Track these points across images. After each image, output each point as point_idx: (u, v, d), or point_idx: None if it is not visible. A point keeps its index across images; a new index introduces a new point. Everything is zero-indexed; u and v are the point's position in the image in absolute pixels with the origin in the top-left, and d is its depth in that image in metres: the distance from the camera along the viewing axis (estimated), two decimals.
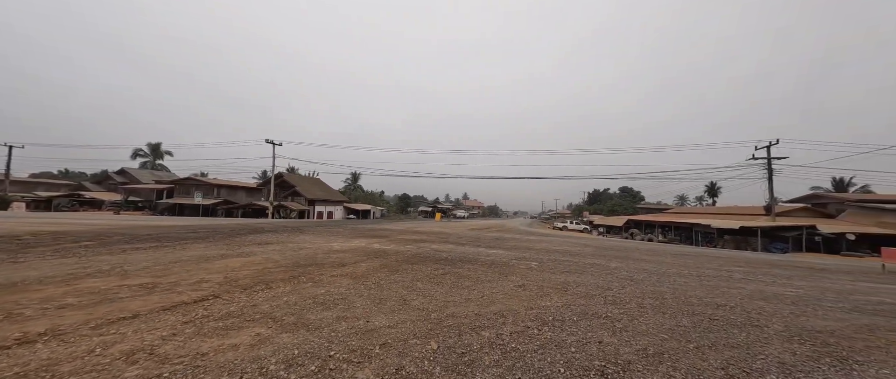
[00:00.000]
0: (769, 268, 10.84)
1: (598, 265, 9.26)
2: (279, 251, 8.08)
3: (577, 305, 4.94)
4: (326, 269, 6.20)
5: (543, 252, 11.69)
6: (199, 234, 11.54)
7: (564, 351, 3.24)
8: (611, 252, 13.34)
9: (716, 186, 55.48)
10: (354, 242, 11.46)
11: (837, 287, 7.86)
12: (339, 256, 7.75)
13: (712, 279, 7.99)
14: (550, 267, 8.46)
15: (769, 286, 7.49)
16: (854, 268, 12.38)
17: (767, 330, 4.30)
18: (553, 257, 10.45)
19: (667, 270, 9.02)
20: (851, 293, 7.17)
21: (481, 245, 12.48)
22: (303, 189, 40.25)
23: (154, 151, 58.48)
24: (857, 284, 8.38)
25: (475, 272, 7.01)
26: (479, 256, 9.62)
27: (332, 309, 3.85)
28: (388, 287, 5.14)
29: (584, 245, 16.06)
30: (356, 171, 75.33)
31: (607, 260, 10.53)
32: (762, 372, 3.05)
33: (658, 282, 7.17)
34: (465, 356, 2.95)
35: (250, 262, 6.36)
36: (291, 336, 3.00)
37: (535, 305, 4.76)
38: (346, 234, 14.88)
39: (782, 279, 8.59)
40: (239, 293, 4.19)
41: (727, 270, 9.79)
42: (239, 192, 42.67)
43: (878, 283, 8.96)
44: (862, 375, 3.12)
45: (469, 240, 14.89)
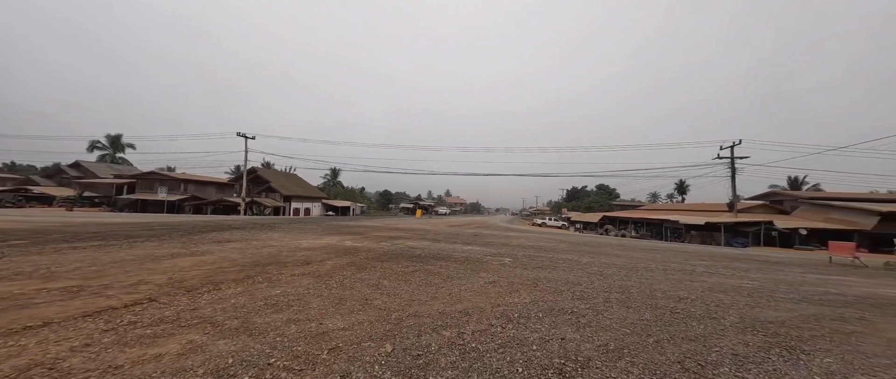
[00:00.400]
0: (730, 261, 11.39)
1: (570, 261, 9.38)
2: (240, 249, 7.62)
3: (545, 301, 4.90)
4: (288, 267, 5.87)
5: (519, 248, 11.74)
6: (155, 231, 10.76)
7: (526, 349, 3.15)
8: (584, 248, 13.61)
9: (685, 184, 58.28)
10: (326, 239, 11.05)
11: (789, 279, 8.33)
12: (304, 254, 7.40)
13: (677, 273, 8.26)
14: (524, 263, 8.46)
15: (728, 279, 7.82)
16: (805, 260, 13.26)
17: (724, 322, 4.42)
18: (528, 253, 10.50)
19: (635, 265, 9.26)
20: (801, 284, 7.60)
21: (458, 242, 12.40)
22: (278, 185, 38.76)
23: (114, 144, 54.57)
24: (807, 276, 8.92)
25: (447, 269, 6.88)
26: (454, 253, 9.51)
27: (283, 311, 3.59)
28: (352, 286, 4.91)
29: (559, 241, 16.34)
30: (335, 167, 73.65)
31: (580, 255, 10.71)
32: (716, 364, 3.08)
33: (626, 276, 7.31)
34: (421, 358, 2.79)
35: (203, 261, 5.92)
36: (229, 343, 2.73)
37: (503, 302, 4.68)
38: (320, 231, 14.39)
39: (741, 272, 9.02)
40: (181, 296, 3.84)
41: (691, 264, 10.19)
42: (209, 187, 40.55)
43: (825, 274, 9.59)
44: (808, 364, 3.22)
45: (446, 236, 14.77)
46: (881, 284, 8.36)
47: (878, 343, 3.87)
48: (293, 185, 42.41)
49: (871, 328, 4.45)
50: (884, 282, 8.84)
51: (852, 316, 5.03)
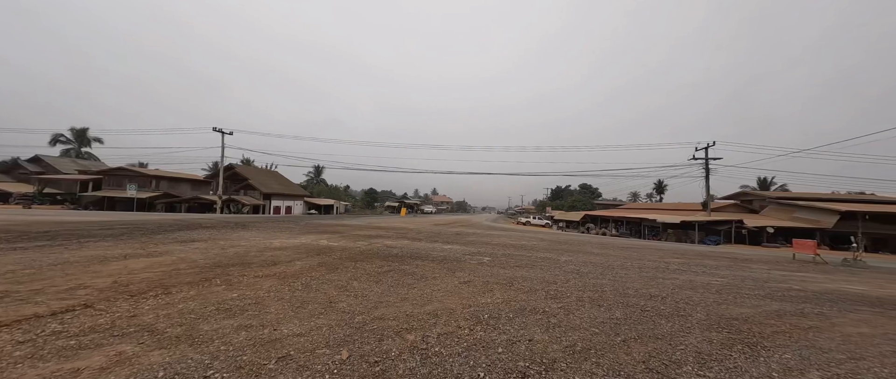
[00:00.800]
0: (701, 259, 11.76)
1: (549, 259, 9.42)
2: (203, 250, 7.22)
3: (518, 300, 4.84)
4: (252, 268, 5.57)
5: (499, 247, 11.73)
6: (114, 230, 10.10)
7: (491, 352, 3.05)
8: (564, 246, 13.75)
9: (663, 184, 60.26)
10: (301, 238, 10.69)
11: (755, 275, 8.64)
12: (274, 254, 7.09)
13: (651, 270, 8.42)
14: (502, 262, 8.42)
15: (699, 276, 8.02)
16: (771, 257, 13.87)
17: (691, 319, 4.47)
18: (507, 252, 10.49)
19: (612, 263, 9.39)
20: (766, 281, 7.89)
21: (439, 240, 12.27)
22: (257, 182, 37.51)
23: (79, 138, 51.44)
24: (772, 273, 9.29)
25: (422, 269, 6.73)
26: (433, 252, 9.37)
27: (236, 316, 3.35)
28: (318, 288, 4.69)
29: (540, 240, 16.48)
30: (319, 165, 72.11)
31: (559, 254, 10.78)
32: (680, 363, 3.07)
33: (601, 274, 7.38)
34: (378, 365, 2.64)
35: (159, 262, 5.54)
36: (165, 354, 2.49)
37: (474, 303, 4.57)
38: (297, 230, 13.94)
39: (711, 269, 9.30)
40: (122, 301, 3.52)
41: (665, 261, 10.45)
42: (183, 184, 38.81)
43: (789, 271, 10.02)
44: (767, 360, 3.26)
45: (428, 235, 14.62)
46: (839, 280, 8.80)
47: (834, 338, 3.99)
48: (273, 183, 41.15)
49: (827, 324, 4.60)
50: (841, 278, 9.31)
51: (811, 311, 5.21)
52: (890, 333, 4.39)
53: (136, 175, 34.09)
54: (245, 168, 39.49)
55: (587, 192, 73.22)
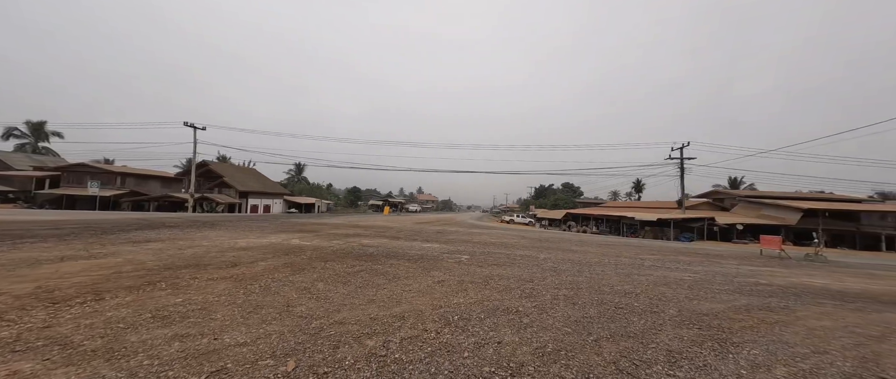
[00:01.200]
0: (676, 255, 12.03)
1: (528, 257, 9.35)
2: (157, 250, 6.68)
3: (492, 300, 4.67)
4: (208, 270, 5.16)
5: (480, 245, 11.60)
6: (62, 231, 9.29)
7: (455, 357, 2.85)
8: (544, 244, 13.78)
9: (641, 183, 62.18)
10: (272, 237, 10.19)
11: (726, 270, 8.87)
12: (236, 255, 6.64)
13: (627, 267, 8.49)
14: (481, 260, 8.27)
15: (673, 272, 8.15)
16: (740, 253, 14.41)
17: (663, 316, 4.43)
18: (487, 250, 10.36)
19: (589, 260, 9.43)
20: (736, 276, 8.10)
21: (418, 239, 12.01)
22: (233, 180, 35.96)
23: (36, 132, 47.83)
24: (741, 268, 9.57)
25: (396, 268, 6.47)
26: (410, 250, 9.12)
27: (174, 324, 3.00)
28: (278, 290, 4.36)
29: (522, 237, 16.50)
30: (300, 163, 70.21)
31: (538, 251, 10.76)
32: (650, 363, 2.97)
33: (578, 272, 7.35)
34: (328, 377, 2.38)
35: (100, 265, 5.04)
36: (72, 372, 2.15)
37: (445, 303, 4.37)
38: (270, 229, 13.34)
39: (685, 265, 9.49)
40: (39, 310, 3.10)
41: (641, 258, 10.61)
42: (151, 182, 36.76)
43: (756, 266, 10.37)
44: (736, 357, 3.21)
45: (408, 233, 14.34)
46: (802, 274, 9.17)
47: (799, 332, 4.03)
48: (250, 181, 39.59)
49: (792, 317, 4.68)
50: (804, 272, 9.72)
51: (778, 305, 5.31)
52: (850, 325, 4.50)
53: (99, 171, 31.93)
54: (219, 165, 37.77)
55: (569, 190, 74.68)
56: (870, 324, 4.60)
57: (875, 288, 7.58)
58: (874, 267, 12.55)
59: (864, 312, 5.25)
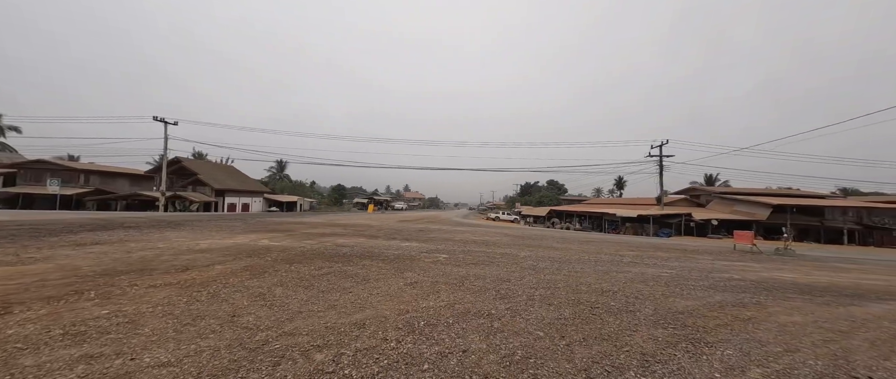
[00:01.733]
0: (654, 250, 12.19)
1: (508, 255, 9.20)
2: (100, 254, 6.11)
3: (464, 302, 4.44)
4: (153, 276, 4.69)
5: (461, 243, 11.39)
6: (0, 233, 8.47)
7: (413, 371, 2.58)
8: (526, 241, 13.71)
9: (623, 180, 63.67)
10: (239, 238, 9.65)
11: (701, 266, 8.98)
12: (191, 258, 6.15)
13: (605, 264, 8.46)
14: (459, 259, 8.04)
15: (650, 268, 8.16)
16: (715, 248, 14.79)
17: (639, 315, 4.32)
18: (467, 248, 10.15)
19: (569, 257, 9.37)
20: (711, 272, 8.19)
21: (397, 238, 11.68)
22: (207, 177, 34.40)
23: None
24: (716, 263, 9.73)
25: (368, 270, 6.16)
26: (387, 250, 8.79)
27: (87, 342, 2.61)
28: (228, 297, 3.98)
29: (504, 235, 16.41)
30: (282, 159, 68.21)
31: (519, 249, 10.64)
32: (623, 368, 2.80)
33: (557, 270, 7.23)
34: None
35: (23, 272, 4.50)
36: None
37: (414, 308, 4.10)
38: (242, 229, 12.69)
39: (662, 261, 9.57)
40: None
41: (620, 254, 10.66)
42: (120, 179, 34.76)
43: (730, 261, 10.60)
44: (710, 358, 3.09)
45: (388, 232, 13.97)
46: (772, 268, 9.41)
47: (771, 329, 3.99)
48: (227, 178, 38.03)
49: (764, 313, 4.67)
50: (774, 266, 9.99)
51: (750, 301, 5.32)
52: (819, 320, 4.52)
53: (60, 168, 29.85)
54: (193, 162, 36.05)
55: (554, 188, 75.68)
56: (837, 318, 4.63)
57: (841, 281, 7.81)
58: (838, 260, 13.10)
59: (832, 306, 5.32)
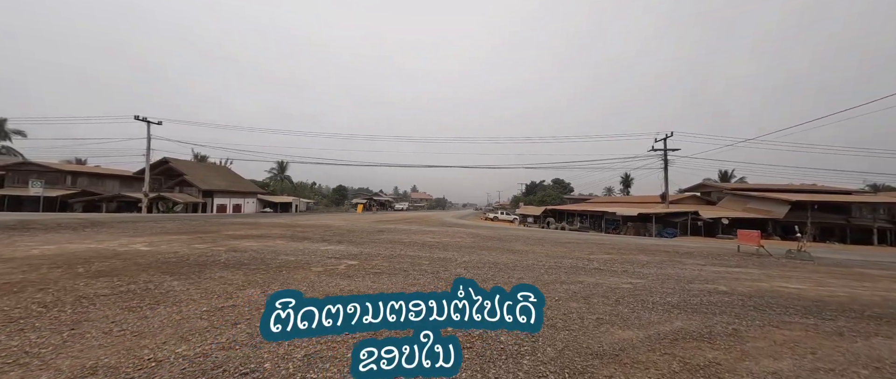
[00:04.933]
0: (637, 254, 10.41)
1: (446, 260, 7.67)
2: None
3: None
4: None
5: (403, 246, 9.88)
6: None
7: None
8: (490, 243, 12.12)
9: (629, 177, 60.85)
10: (119, 240, 8.41)
11: (683, 274, 7.25)
12: None
13: (561, 271, 6.83)
14: (368, 267, 6.56)
15: (614, 277, 6.50)
16: (715, 250, 12.84)
17: (541, 355, 2.81)
18: (399, 252, 8.62)
19: (522, 263, 7.77)
20: (691, 281, 6.48)
21: (333, 241, 10.18)
22: (195, 178, 33.86)
23: None
24: (704, 270, 7.96)
25: (210, 283, 4.75)
26: (289, 256, 7.30)
27: None
28: None
29: (475, 236, 14.82)
30: (283, 160, 68.06)
31: (468, 253, 9.07)
32: None
33: (489, 279, 5.70)
34: None
35: None
36: None
37: (168, 353, 2.67)
38: (150, 231, 11.31)
39: (637, 267, 7.86)
40: None
41: (592, 258, 8.96)
42: (109, 181, 34.61)
43: (726, 266, 8.77)
44: None
45: (333, 234, 12.54)
46: (776, 276, 7.57)
47: None
48: (216, 179, 37.47)
49: (735, 354, 3.04)
50: (781, 273, 8.12)
51: (722, 331, 3.67)
52: (823, 366, 2.88)
53: (45, 170, 29.73)
54: (181, 162, 35.61)
55: (559, 186, 73.18)
56: (852, 363, 2.98)
57: (864, 295, 5.98)
58: (864, 264, 11.02)
59: (846, 338, 3.63)
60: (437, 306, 1.87)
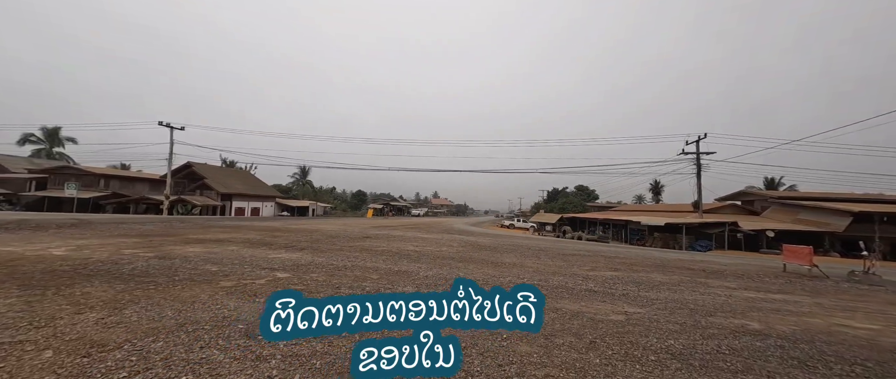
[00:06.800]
0: (651, 271, 8.70)
1: (407, 273, 6.53)
2: None
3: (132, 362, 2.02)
4: None
5: (375, 254, 8.83)
6: None
7: None
8: (479, 254, 10.81)
9: (659, 184, 56.55)
10: (55, 243, 7.96)
11: (704, 301, 5.63)
12: None
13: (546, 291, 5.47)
14: (300, 281, 5.58)
15: (605, 303, 5.07)
16: (754, 269, 10.70)
17: None
18: (361, 263, 7.59)
19: (510, 280, 6.50)
20: (712, 313, 4.91)
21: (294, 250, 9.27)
22: (215, 182, 35.10)
23: (50, 137, 49.91)
24: (734, 296, 6.25)
25: (77, 299, 3.94)
26: (220, 264, 6.49)
27: None
28: None
29: (471, 245, 13.51)
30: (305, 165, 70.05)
31: (455, 265, 7.85)
32: None
33: None
34: None
35: None
36: None
37: None
38: (118, 233, 10.96)
39: (644, 289, 6.30)
40: None
41: (590, 274, 7.45)
42: (138, 184, 36.70)
43: (765, 291, 6.94)
44: None
45: (303, 240, 11.69)
46: (834, 307, 5.72)
47: None
48: (236, 183, 38.69)
49: None
50: (840, 302, 6.22)
51: None
52: None
53: (81, 174, 31.97)
54: (203, 167, 37.12)
55: (582, 193, 69.48)
56: None
57: None
58: None
59: None
60: (437, 306, 1.89)
